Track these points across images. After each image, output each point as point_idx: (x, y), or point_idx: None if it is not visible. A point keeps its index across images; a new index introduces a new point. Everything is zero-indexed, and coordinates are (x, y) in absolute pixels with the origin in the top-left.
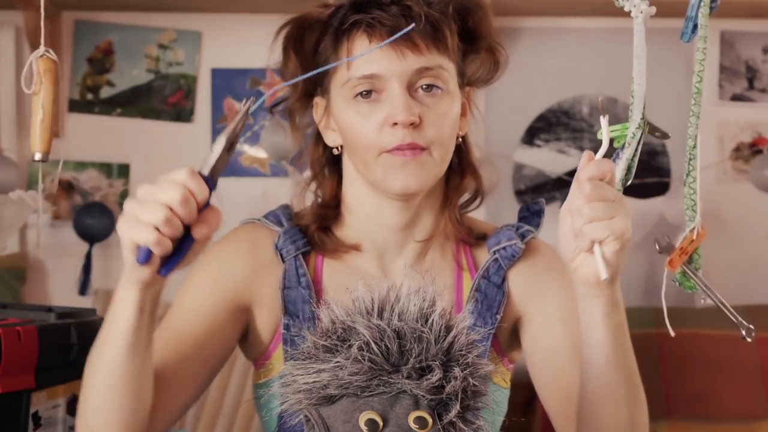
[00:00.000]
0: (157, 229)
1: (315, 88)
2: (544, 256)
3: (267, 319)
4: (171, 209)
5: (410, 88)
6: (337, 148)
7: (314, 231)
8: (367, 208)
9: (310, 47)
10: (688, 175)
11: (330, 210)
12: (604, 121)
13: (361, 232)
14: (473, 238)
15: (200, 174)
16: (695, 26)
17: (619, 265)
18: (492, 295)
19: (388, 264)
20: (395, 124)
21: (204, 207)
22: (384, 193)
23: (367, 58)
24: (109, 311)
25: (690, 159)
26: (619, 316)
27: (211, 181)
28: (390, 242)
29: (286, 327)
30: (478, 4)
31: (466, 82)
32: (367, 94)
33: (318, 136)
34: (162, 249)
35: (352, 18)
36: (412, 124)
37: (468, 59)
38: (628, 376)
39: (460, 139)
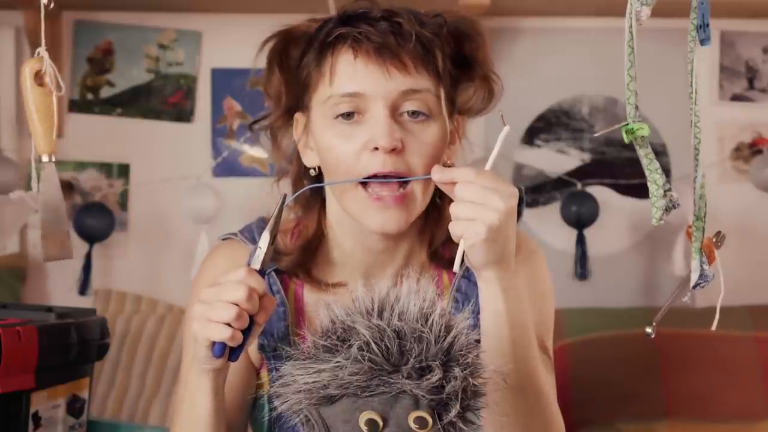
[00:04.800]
0: (229, 325)
1: (297, 103)
2: (520, 248)
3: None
4: (239, 306)
5: (394, 111)
6: (314, 169)
7: (295, 268)
8: (349, 231)
9: (295, 62)
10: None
11: (311, 252)
12: (504, 130)
13: (344, 253)
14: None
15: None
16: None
17: (488, 255)
18: (472, 294)
19: (372, 278)
20: (376, 148)
21: None
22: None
23: (351, 75)
24: (187, 399)
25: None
26: (504, 303)
27: (264, 273)
28: (373, 260)
29: (261, 347)
30: (477, 32)
31: (457, 110)
32: (348, 116)
33: (299, 154)
34: (236, 342)
35: (337, 31)
36: (393, 149)
37: (461, 87)
38: (516, 366)
39: None
